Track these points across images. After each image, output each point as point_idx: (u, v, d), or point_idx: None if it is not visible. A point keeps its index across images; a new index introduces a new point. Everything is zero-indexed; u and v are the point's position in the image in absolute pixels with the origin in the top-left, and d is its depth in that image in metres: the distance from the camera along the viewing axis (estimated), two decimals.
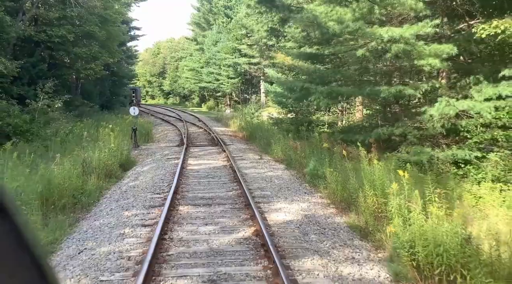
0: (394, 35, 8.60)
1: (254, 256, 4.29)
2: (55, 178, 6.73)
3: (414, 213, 4.01)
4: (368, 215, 5.17)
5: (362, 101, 14.65)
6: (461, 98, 9.72)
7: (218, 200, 6.52)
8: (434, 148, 10.09)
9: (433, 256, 3.60)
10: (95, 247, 4.61)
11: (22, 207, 5.13)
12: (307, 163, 8.28)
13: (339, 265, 4.11)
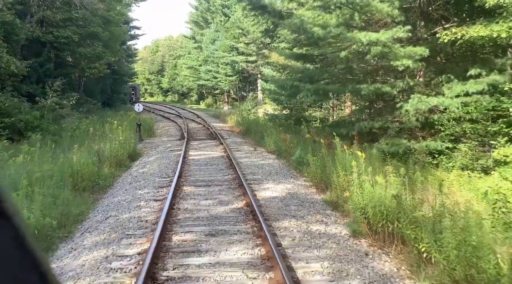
0: (372, 39, 9.82)
1: (244, 219, 5.53)
2: (75, 165, 7.95)
3: (367, 183, 5.26)
4: (339, 190, 6.41)
5: (351, 98, 15.91)
6: (434, 94, 11.01)
7: (216, 182, 7.77)
8: (411, 140, 11.36)
9: (378, 214, 4.84)
10: (118, 215, 5.85)
11: (57, 185, 6.36)
12: (294, 152, 9.52)
13: (310, 225, 5.35)
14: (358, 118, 13.69)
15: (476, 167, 10.11)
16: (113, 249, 4.53)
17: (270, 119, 17.71)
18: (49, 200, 5.59)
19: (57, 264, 4.36)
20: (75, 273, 4.00)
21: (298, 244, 4.68)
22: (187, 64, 41.82)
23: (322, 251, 4.50)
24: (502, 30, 8.01)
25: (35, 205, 5.12)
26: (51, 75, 19.33)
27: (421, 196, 5.40)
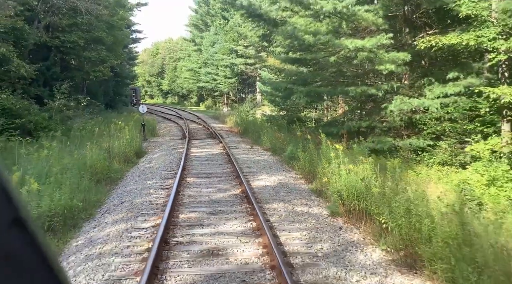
0: (358, 46, 10.89)
1: (239, 202, 6.57)
2: (89, 160, 8.98)
3: (343, 171, 6.29)
4: (322, 180, 7.44)
5: (344, 100, 16.97)
6: (417, 96, 12.06)
7: (216, 174, 8.81)
8: (396, 138, 12.41)
9: (350, 195, 5.88)
10: (132, 200, 6.88)
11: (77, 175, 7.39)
12: (287, 149, 10.56)
13: (295, 206, 6.39)
14: (349, 118, 14.75)
15: (454, 162, 11.14)
16: (131, 223, 5.57)
17: (267, 120, 18.76)
18: (73, 187, 6.62)
19: (85, 236, 5.40)
20: (103, 240, 5.03)
21: (284, 220, 5.72)
22: (187, 67, 42.90)
23: (303, 224, 5.54)
24: (471, 39, 9.06)
25: (64, 190, 6.16)
26: (58, 78, 20.37)
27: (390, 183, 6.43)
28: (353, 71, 13.55)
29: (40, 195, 5.67)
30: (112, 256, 4.48)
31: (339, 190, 6.23)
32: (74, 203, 6.06)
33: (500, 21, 8.94)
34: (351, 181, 5.99)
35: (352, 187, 5.90)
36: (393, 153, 11.72)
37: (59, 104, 17.78)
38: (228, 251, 4.60)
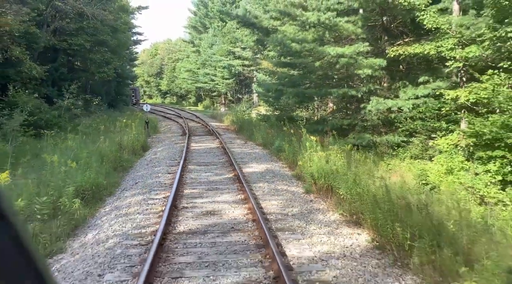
0: (339, 52, 12.59)
1: (232, 182, 8.25)
2: (103, 151, 10.63)
3: (315, 157, 7.96)
4: (302, 166, 9.11)
5: (332, 100, 18.65)
6: (393, 97, 13.75)
7: (213, 163, 10.48)
8: (374, 134, 14.08)
9: (320, 175, 7.55)
10: (144, 181, 8.54)
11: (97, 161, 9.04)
12: (275, 142, 12.24)
13: (277, 186, 8.06)
14: (334, 117, 16.44)
15: (424, 156, 12.83)
16: (147, 196, 7.24)
17: (262, 119, 20.42)
18: (97, 170, 8.28)
19: (111, 205, 7.05)
20: (126, 206, 6.69)
21: (266, 194, 7.40)
22: (186, 67, 44.57)
23: (280, 197, 7.21)
24: (431, 48, 10.75)
25: (91, 170, 7.82)
26: (65, 78, 22.01)
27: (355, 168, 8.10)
28: (337, 75, 15.24)
29: (75, 174, 7.32)
30: (136, 214, 6.15)
31: (312, 172, 7.91)
32: (99, 181, 7.73)
33: (457, 33, 10.63)
34: (321, 165, 7.67)
35: (321, 169, 7.58)
36: (372, 148, 13.42)
37: (67, 103, 19.42)
38: (221, 212, 6.28)
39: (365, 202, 5.91)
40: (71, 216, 6.00)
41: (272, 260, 4.34)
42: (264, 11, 16.38)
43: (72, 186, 6.61)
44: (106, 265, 4.37)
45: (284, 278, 3.78)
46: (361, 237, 5.47)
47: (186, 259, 4.52)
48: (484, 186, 8.60)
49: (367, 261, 4.65)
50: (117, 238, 5.19)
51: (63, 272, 4.41)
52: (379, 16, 14.07)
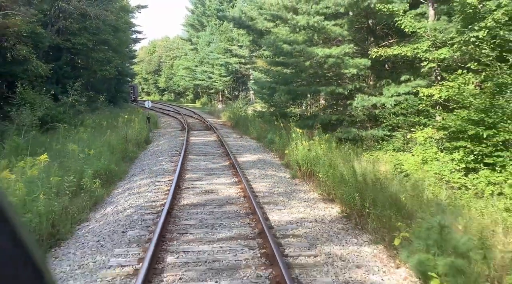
0: (326, 53, 13.81)
1: (228, 168, 9.51)
2: (111, 142, 11.85)
3: (300, 146, 9.21)
4: (289, 154, 10.36)
5: (324, 97, 19.91)
6: (378, 94, 14.99)
7: (211, 153, 11.74)
8: (360, 129, 15.32)
9: (304, 162, 8.81)
10: (150, 168, 9.79)
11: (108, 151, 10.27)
12: (268, 136, 13.49)
13: (267, 172, 9.32)
14: (324, 113, 17.69)
15: (406, 148, 14.08)
16: (154, 179, 8.49)
17: (257, 116, 21.67)
18: (109, 158, 9.51)
19: (124, 187, 8.29)
20: (137, 187, 7.94)
21: (257, 178, 8.66)
22: (184, 65, 45.73)
23: (269, 180, 8.47)
24: (408, 50, 12.01)
25: (104, 158, 9.05)
26: (68, 76, 23.19)
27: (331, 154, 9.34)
28: (326, 73, 16.48)
29: (92, 160, 8.56)
30: (146, 192, 7.41)
31: (297, 160, 9.18)
32: (112, 167, 8.97)
33: (431, 36, 11.88)
34: (304, 153, 8.94)
35: (305, 157, 8.85)
36: (358, 142, 14.67)
37: (72, 100, 20.61)
38: (218, 191, 7.54)
39: (336, 180, 7.18)
40: (92, 194, 7.24)
41: (258, 222, 5.60)
42: (258, 13, 17.61)
43: (91, 170, 7.85)
44: (127, 226, 5.62)
45: (266, 233, 5.04)
46: (333, 210, 6.73)
47: (190, 222, 5.78)
48: (449, 173, 9.87)
49: (334, 225, 5.92)
50: (133, 209, 6.44)
51: (92, 233, 5.66)
52: (365, 19, 15.31)
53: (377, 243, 5.28)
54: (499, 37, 9.79)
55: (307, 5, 14.63)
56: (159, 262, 4.41)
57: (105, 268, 4.32)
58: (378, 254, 4.91)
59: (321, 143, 9.47)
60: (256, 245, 4.93)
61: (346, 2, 13.12)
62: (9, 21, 18.11)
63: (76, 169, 7.82)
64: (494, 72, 9.72)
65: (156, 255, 4.49)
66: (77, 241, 5.36)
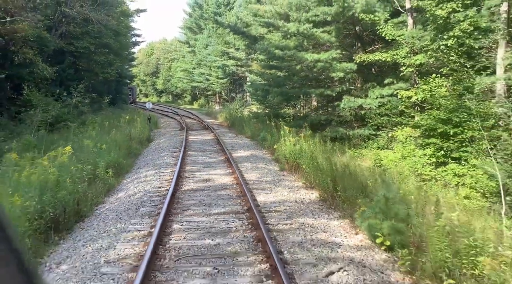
0: (315, 58, 15.08)
1: (223, 162, 10.78)
2: (117, 140, 13.09)
3: (287, 142, 10.48)
4: (277, 149, 11.62)
5: (316, 99, 21.20)
6: (364, 96, 16.26)
7: (208, 150, 13.00)
8: (347, 128, 16.58)
9: (290, 156, 10.08)
10: (153, 162, 11.04)
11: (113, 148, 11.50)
12: (261, 134, 14.77)
13: (258, 165, 10.59)
14: (315, 114, 18.98)
15: (389, 146, 15.36)
16: (158, 171, 9.75)
17: (253, 117, 22.96)
18: (117, 152, 10.76)
19: (132, 177, 9.54)
20: (144, 177, 9.20)
21: (249, 169, 9.92)
22: (182, 67, 47.00)
23: (259, 172, 9.74)
24: (388, 56, 13.31)
25: (114, 152, 10.30)
26: (71, 79, 24.42)
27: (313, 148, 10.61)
28: (316, 76, 17.77)
29: (103, 154, 9.81)
30: (152, 181, 8.66)
31: (285, 154, 10.45)
32: (120, 161, 10.23)
33: (409, 43, 13.19)
34: (291, 148, 10.21)
35: (292, 151, 10.12)
36: (345, 140, 15.95)
37: (75, 101, 21.84)
38: (214, 179, 8.80)
39: (315, 169, 8.46)
40: (105, 182, 8.49)
41: (247, 202, 6.86)
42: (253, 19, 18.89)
43: (103, 162, 9.10)
44: (139, 205, 6.88)
45: (253, 209, 6.29)
46: (313, 195, 8.00)
47: (191, 202, 7.04)
48: (421, 167, 11.15)
49: (311, 205, 7.18)
50: (142, 193, 7.70)
51: (110, 210, 6.90)
52: (352, 26, 16.62)
53: (344, 218, 6.55)
54: (465, 45, 11.11)
55: (297, 13, 15.95)
56: (167, 228, 5.67)
57: (125, 232, 5.57)
58: (343, 225, 6.18)
59: (307, 139, 10.75)
60: (244, 217, 6.19)
61: (332, 11, 14.42)
62: (17, 26, 19.33)
63: (90, 161, 9.06)
64: (461, 76, 11.03)
65: (165, 224, 5.74)
66: (98, 217, 6.61)
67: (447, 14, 11.08)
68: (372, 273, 4.48)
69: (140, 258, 4.56)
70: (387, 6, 15.31)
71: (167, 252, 4.85)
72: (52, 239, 5.63)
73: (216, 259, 4.64)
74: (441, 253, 4.28)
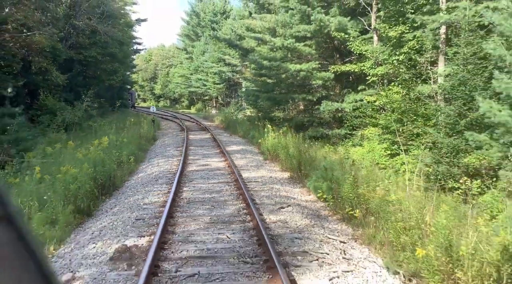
0: (297, 69, 18.12)
1: (218, 154, 13.80)
2: (130, 137, 16.05)
3: (270, 137, 13.49)
4: (261, 143, 14.60)
5: (303, 103, 24.24)
6: (341, 101, 19.27)
7: (206, 146, 16.02)
8: (327, 129, 19.58)
9: (272, 148, 13.08)
10: (162, 154, 14.03)
11: (129, 143, 14.47)
12: (250, 133, 17.78)
13: (246, 155, 13.60)
14: (301, 116, 22.00)
15: (361, 144, 18.36)
16: (167, 159, 12.74)
17: (247, 120, 26.03)
18: (132, 147, 13.73)
19: (147, 163, 12.52)
20: (156, 163, 12.19)
21: (239, 158, 12.93)
22: (179, 73, 50.08)
23: (246, 159, 12.74)
24: (356, 67, 16.36)
25: (128, 148, 13.28)
26: (80, 85, 27.42)
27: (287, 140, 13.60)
28: (302, 83, 20.82)
29: (123, 146, 12.78)
30: (164, 165, 11.65)
31: (267, 147, 13.45)
32: (136, 152, 13.20)
33: (374, 57, 16.24)
34: (272, 141, 13.22)
35: (272, 144, 13.13)
36: (325, 139, 18.95)
37: (85, 106, 24.82)
38: (211, 164, 11.80)
39: (287, 155, 11.46)
40: (128, 166, 11.45)
41: (234, 176, 9.84)
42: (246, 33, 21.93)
43: (125, 151, 12.07)
44: (157, 178, 9.87)
45: (239, 180, 9.26)
46: (285, 175, 10.98)
47: (194, 177, 10.03)
48: (379, 157, 14.15)
49: (282, 180, 10.17)
50: (157, 172, 10.69)
51: (136, 182, 9.86)
52: (331, 40, 19.70)
53: (303, 187, 9.54)
54: (412, 60, 14.18)
55: (283, 29, 19.03)
56: (180, 189, 8.65)
57: (152, 191, 8.56)
58: (301, 191, 9.18)
59: (285, 135, 13.75)
60: (232, 184, 9.19)
61: (311, 29, 17.49)
62: (35, 39, 22.37)
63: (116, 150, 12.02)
64: (410, 85, 14.08)
65: (178, 187, 8.72)
66: (128, 187, 9.58)
67: (398, 35, 14.17)
68: (309, 210, 7.47)
69: (165, 202, 7.53)
70: (359, 24, 18.37)
71: (181, 200, 7.85)
72: (100, 198, 8.59)
73: (213, 203, 7.63)
74: (349, 195, 7.27)
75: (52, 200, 6.81)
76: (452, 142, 10.77)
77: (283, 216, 6.84)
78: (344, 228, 6.60)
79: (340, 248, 5.57)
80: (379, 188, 6.83)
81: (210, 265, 4.82)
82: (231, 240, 5.66)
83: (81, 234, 6.35)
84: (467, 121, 10.66)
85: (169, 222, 6.31)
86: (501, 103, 8.82)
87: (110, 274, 4.62)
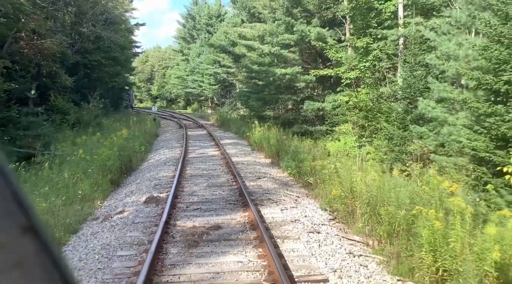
0: (283, 73, 21.19)
1: (213, 145, 16.86)
2: (137, 133, 19.03)
3: (257, 132, 16.53)
4: (250, 137, 17.63)
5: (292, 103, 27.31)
6: (322, 101, 22.34)
7: (203, 140, 19.06)
8: (310, 126, 22.64)
9: (259, 140, 16.12)
10: (166, 145, 17.05)
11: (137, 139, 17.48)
12: (241, 129, 20.84)
13: (237, 147, 16.65)
14: (288, 114, 25.07)
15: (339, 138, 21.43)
16: (171, 150, 15.77)
17: (240, 118, 29.07)
18: (141, 140, 16.74)
19: (155, 153, 15.55)
20: (162, 153, 15.22)
21: (230, 149, 15.98)
22: (176, 74, 53.05)
23: (237, 149, 15.80)
24: (332, 72, 19.43)
25: (139, 140, 16.29)
26: (86, 87, 30.34)
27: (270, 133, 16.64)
28: (287, 85, 23.88)
29: (135, 139, 15.78)
30: (169, 154, 14.68)
31: (254, 139, 16.48)
32: (145, 144, 16.21)
33: (347, 63, 19.29)
34: (258, 134, 16.26)
35: (258, 137, 16.17)
36: (309, 135, 22.00)
37: (92, 106, 27.78)
38: (208, 153, 14.84)
39: (268, 145, 14.49)
40: (140, 155, 14.45)
41: (227, 161, 12.86)
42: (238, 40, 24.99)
43: (137, 143, 15.07)
44: (165, 162, 12.89)
45: (229, 162, 12.29)
46: (267, 161, 14.02)
47: (194, 161, 13.06)
48: (349, 148, 17.20)
49: (263, 163, 13.20)
50: (165, 159, 13.70)
51: (148, 165, 12.86)
52: (313, 47, 22.77)
53: (280, 168, 12.58)
54: (377, 67, 17.26)
55: (271, 38, 22.08)
56: (184, 168, 11.68)
57: (163, 170, 11.58)
58: (277, 170, 12.22)
59: (270, 129, 16.79)
60: (224, 165, 12.24)
61: (295, 38, 20.56)
62: (47, 45, 25.31)
63: (129, 141, 15.00)
64: (375, 87, 17.16)
65: (182, 167, 11.74)
66: (143, 168, 12.59)
67: (365, 45, 17.26)
68: (279, 181, 10.51)
69: (173, 176, 10.54)
70: (337, 34, 21.43)
71: (186, 174, 10.89)
72: (123, 175, 11.59)
73: (209, 176, 10.67)
74: (307, 169, 10.28)
75: (93, 172, 9.82)
76: (401, 134, 13.87)
77: (259, 183, 9.89)
78: (302, 191, 9.65)
79: (294, 199, 8.62)
80: (325, 162, 9.88)
81: (208, 204, 7.87)
82: (222, 194, 8.71)
83: (117, 194, 9.39)
84: (412, 116, 13.75)
85: (179, 186, 9.35)
86: (435, 101, 11.89)
87: (145, 209, 7.66)
